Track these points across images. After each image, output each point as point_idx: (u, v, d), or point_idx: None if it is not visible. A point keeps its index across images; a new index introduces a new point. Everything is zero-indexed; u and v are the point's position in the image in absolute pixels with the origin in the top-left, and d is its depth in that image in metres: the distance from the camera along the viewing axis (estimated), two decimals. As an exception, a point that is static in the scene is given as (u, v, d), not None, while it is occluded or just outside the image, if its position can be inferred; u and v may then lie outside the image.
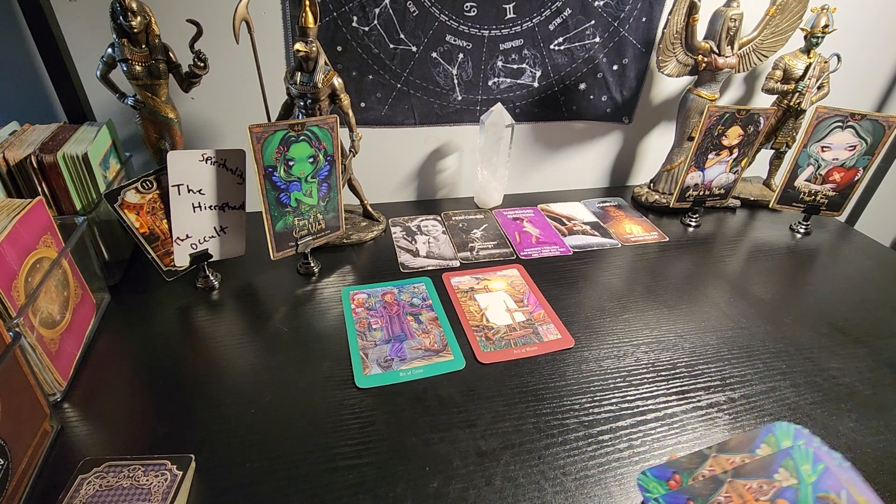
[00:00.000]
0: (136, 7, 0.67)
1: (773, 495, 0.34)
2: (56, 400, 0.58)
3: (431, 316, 0.74)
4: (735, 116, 0.93)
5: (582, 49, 1.00)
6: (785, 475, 0.34)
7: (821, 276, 0.91)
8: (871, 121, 0.89)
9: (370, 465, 0.53)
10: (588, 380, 0.65)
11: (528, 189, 1.16)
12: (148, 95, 0.74)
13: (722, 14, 0.91)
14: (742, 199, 1.11)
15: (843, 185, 0.96)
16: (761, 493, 0.34)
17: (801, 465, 0.35)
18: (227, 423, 0.57)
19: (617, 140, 1.16)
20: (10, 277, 0.52)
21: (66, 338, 0.61)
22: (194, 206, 0.72)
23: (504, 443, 0.56)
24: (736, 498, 0.35)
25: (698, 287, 0.84)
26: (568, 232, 0.99)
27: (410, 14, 0.88)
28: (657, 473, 0.39)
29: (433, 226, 0.98)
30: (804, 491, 0.33)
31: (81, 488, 0.47)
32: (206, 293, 0.77)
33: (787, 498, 0.33)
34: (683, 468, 0.38)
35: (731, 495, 0.36)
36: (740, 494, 0.35)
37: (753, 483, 0.35)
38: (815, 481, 0.34)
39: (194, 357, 0.66)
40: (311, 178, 0.74)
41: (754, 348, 0.72)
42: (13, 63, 0.78)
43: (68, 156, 0.67)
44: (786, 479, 0.34)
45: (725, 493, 0.36)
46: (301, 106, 0.79)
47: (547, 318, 0.75)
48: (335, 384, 0.62)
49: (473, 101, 1.01)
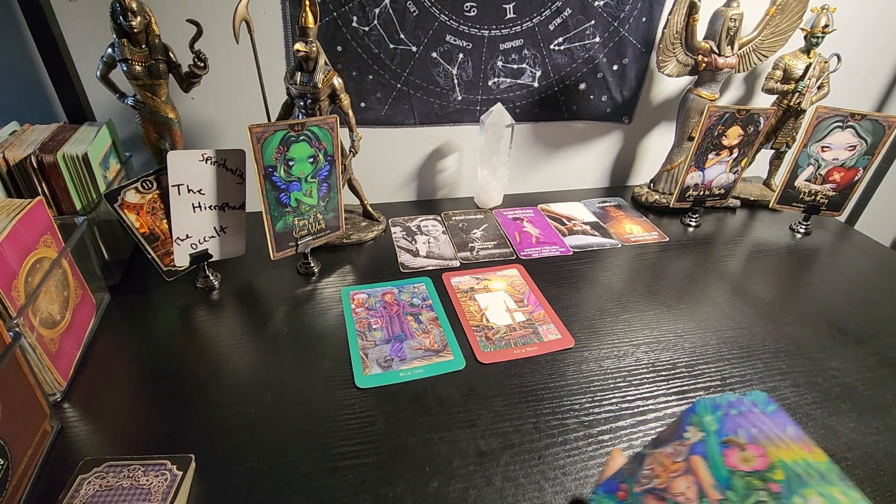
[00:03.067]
0: (136, 7, 0.67)
1: (685, 454, 0.35)
2: (56, 400, 0.58)
3: (431, 316, 0.74)
4: (735, 116, 0.93)
5: (582, 49, 1.00)
6: (693, 431, 0.36)
7: (821, 276, 0.91)
8: (871, 121, 0.89)
9: (370, 465, 0.53)
10: (588, 380, 0.65)
11: (528, 189, 1.16)
12: (148, 95, 0.74)
13: (722, 14, 0.91)
14: (742, 199, 1.11)
15: (843, 185, 0.96)
16: (677, 455, 0.36)
17: (703, 416, 0.36)
18: (227, 423, 0.57)
19: (617, 140, 1.16)
20: (10, 277, 0.52)
21: (66, 338, 0.61)
22: (194, 206, 0.72)
23: (504, 443, 0.56)
24: (657, 467, 0.36)
25: (698, 287, 0.84)
26: (568, 232, 0.99)
27: (410, 14, 0.88)
28: (606, 489, 0.40)
29: (433, 226, 0.98)
30: (711, 440, 0.35)
31: (81, 488, 0.47)
32: (206, 293, 0.77)
33: (699, 452, 0.35)
34: (627, 475, 0.39)
35: (653, 466, 0.37)
36: (660, 462, 0.36)
37: (669, 448, 0.36)
38: (717, 429, 0.35)
39: (194, 357, 0.66)
40: (311, 178, 0.74)
41: (754, 348, 0.72)
42: (13, 63, 0.78)
43: (68, 156, 0.67)
44: (694, 434, 0.35)
45: (648, 465, 0.37)
46: (301, 106, 0.79)
47: (547, 318, 0.75)
48: (335, 384, 0.62)
49: (473, 101, 1.01)
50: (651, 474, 0.36)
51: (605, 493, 0.39)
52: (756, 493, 0.31)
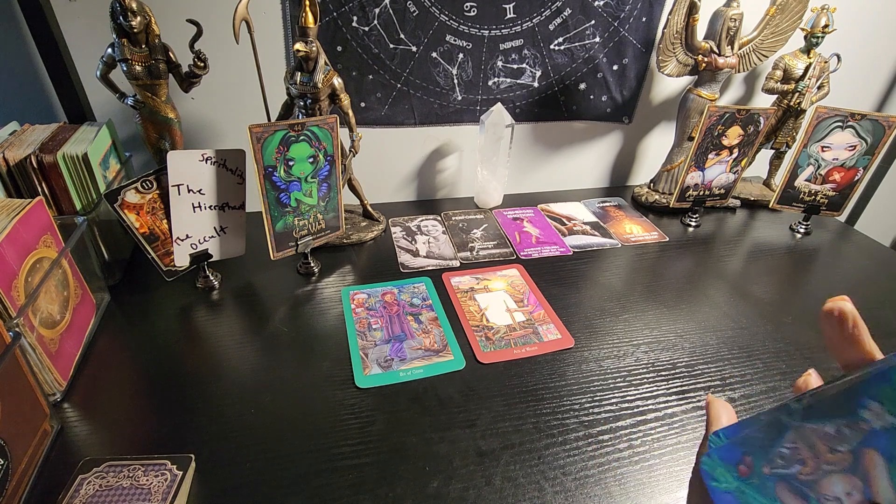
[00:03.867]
0: (136, 7, 0.67)
1: (855, 443, 0.22)
2: (56, 400, 0.58)
3: (431, 316, 0.74)
4: (735, 116, 0.93)
5: (582, 49, 1.00)
6: (878, 412, 0.22)
7: (821, 276, 0.91)
8: (871, 121, 0.89)
9: (370, 465, 0.53)
10: (588, 380, 0.65)
11: (528, 189, 1.16)
12: (148, 95, 0.74)
13: (722, 14, 0.91)
14: (742, 199, 1.11)
15: (843, 185, 0.96)
16: (840, 441, 0.23)
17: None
18: (227, 423, 0.57)
19: (617, 140, 1.16)
20: (10, 277, 0.52)
21: (66, 338, 0.61)
22: (194, 206, 0.72)
23: (504, 443, 0.56)
24: (804, 449, 0.24)
25: (698, 287, 0.84)
26: (568, 232, 0.99)
27: (410, 14, 0.88)
28: (724, 456, 0.28)
29: (433, 226, 0.98)
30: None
31: (81, 488, 0.47)
32: (206, 293, 0.77)
33: (878, 446, 0.21)
34: (756, 445, 0.27)
35: (798, 445, 0.24)
36: (811, 443, 0.24)
37: (829, 427, 0.23)
38: None
39: (194, 357, 0.66)
40: (311, 178, 0.74)
41: (754, 348, 0.72)
42: (13, 63, 0.78)
43: (68, 156, 0.67)
44: (878, 417, 0.22)
45: (791, 441, 0.25)
46: (301, 106, 0.79)
47: (547, 318, 0.75)
48: (335, 384, 0.62)
49: (473, 101, 1.01)
50: (793, 456, 0.24)
51: (722, 460, 0.28)
52: None
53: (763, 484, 0.26)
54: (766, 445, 0.26)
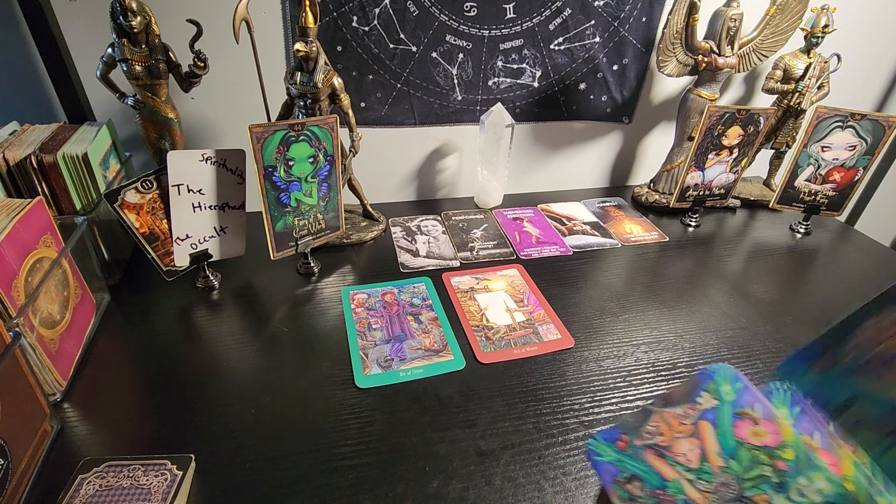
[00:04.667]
0: (136, 7, 0.67)
1: (694, 418, 0.36)
2: (56, 400, 0.58)
3: (431, 316, 0.74)
4: (735, 116, 0.93)
5: (582, 49, 1.00)
6: (707, 398, 0.37)
7: (821, 276, 0.91)
8: (871, 121, 0.89)
9: (370, 465, 0.53)
10: (588, 380, 0.65)
11: (528, 189, 1.16)
12: (148, 95, 0.74)
13: (722, 14, 0.91)
14: (742, 199, 1.11)
15: (843, 185, 0.96)
16: (685, 418, 0.36)
17: (721, 385, 0.37)
18: (227, 423, 0.57)
19: (617, 140, 1.16)
20: (10, 277, 0.52)
21: (66, 338, 0.61)
22: (194, 206, 0.72)
23: (504, 443, 0.56)
24: (663, 425, 0.37)
25: (698, 287, 0.84)
26: (568, 232, 0.99)
27: (410, 14, 0.88)
28: (606, 437, 0.41)
29: (433, 226, 0.98)
30: (724, 409, 0.35)
31: (81, 488, 0.47)
32: (206, 293, 0.77)
33: (708, 419, 0.35)
34: (630, 427, 0.40)
35: (658, 423, 0.38)
36: (667, 421, 0.37)
37: (678, 409, 0.38)
38: (733, 399, 0.35)
39: (194, 357, 0.66)
40: (311, 178, 0.74)
41: (754, 348, 0.72)
42: (13, 63, 0.78)
43: (68, 156, 0.67)
44: (707, 401, 0.36)
45: (654, 422, 0.38)
46: (301, 106, 0.79)
47: (547, 318, 0.75)
48: (335, 384, 0.62)
49: (473, 101, 1.01)
50: (655, 431, 0.37)
51: (604, 440, 0.40)
52: (760, 468, 0.31)
53: (636, 452, 0.37)
54: (637, 426, 0.39)
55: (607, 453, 0.40)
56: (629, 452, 0.38)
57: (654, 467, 0.36)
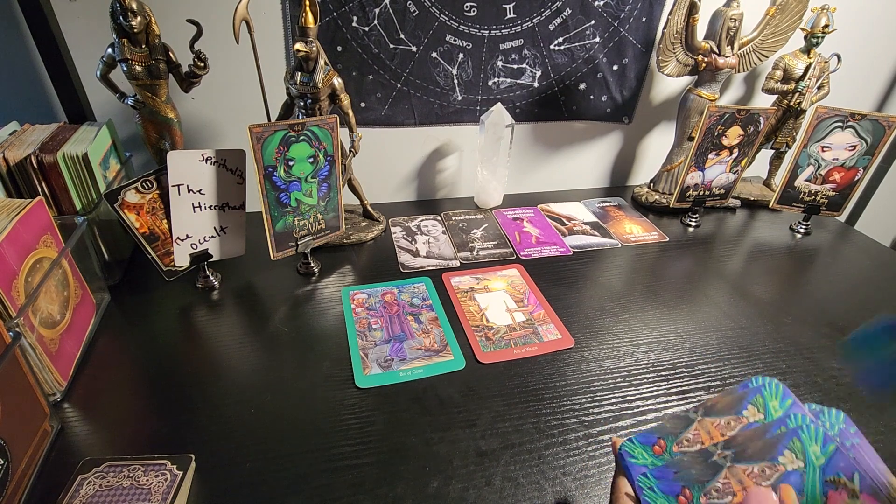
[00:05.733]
0: (136, 7, 0.67)
1: (776, 479, 0.32)
2: (56, 400, 0.58)
3: (431, 316, 0.74)
4: (735, 116, 0.93)
5: (582, 49, 1.00)
6: (790, 458, 0.32)
7: (821, 276, 0.91)
8: (871, 121, 0.89)
9: (370, 465, 0.53)
10: (588, 380, 0.65)
11: (528, 189, 1.16)
12: (148, 95, 0.74)
13: (722, 14, 0.91)
14: (742, 199, 1.11)
15: (843, 185, 0.96)
16: (763, 478, 0.32)
17: (808, 446, 0.32)
18: (227, 423, 0.57)
19: (617, 140, 1.16)
20: (10, 277, 0.52)
21: (66, 338, 0.61)
22: (194, 206, 0.72)
23: (504, 443, 0.56)
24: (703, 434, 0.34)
25: (698, 287, 0.84)
26: (568, 232, 0.99)
27: (410, 14, 0.88)
28: (642, 440, 0.38)
29: (433, 226, 0.98)
30: (811, 475, 0.31)
31: (81, 488, 0.47)
32: (206, 293, 0.77)
33: (793, 483, 0.31)
34: (667, 433, 0.38)
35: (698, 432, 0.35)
36: (707, 431, 0.34)
37: (755, 468, 0.33)
38: (823, 464, 0.31)
39: (194, 357, 0.66)
40: (311, 178, 0.74)
41: (754, 348, 0.72)
42: (13, 63, 0.78)
43: (68, 156, 0.67)
44: (791, 461, 0.32)
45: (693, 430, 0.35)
46: (301, 106, 0.79)
47: (547, 318, 0.75)
48: (335, 384, 0.62)
49: (473, 101, 1.01)
50: (725, 489, 0.34)
51: (640, 443, 0.38)
52: None
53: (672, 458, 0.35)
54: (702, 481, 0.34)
55: (642, 457, 0.38)
56: (665, 458, 0.36)
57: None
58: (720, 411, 0.35)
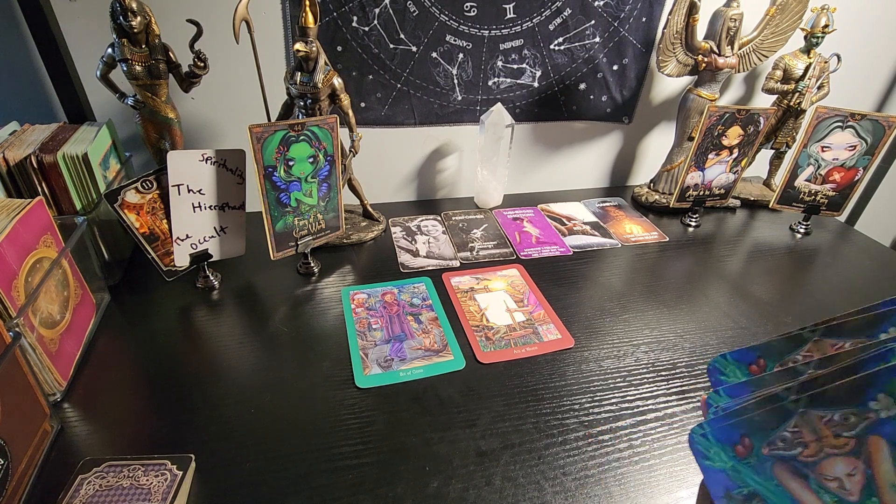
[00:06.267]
0: (136, 7, 0.67)
1: (861, 429, 0.23)
2: (56, 400, 0.58)
3: (431, 316, 0.74)
4: (735, 116, 0.93)
5: (582, 49, 1.00)
6: (885, 401, 0.23)
7: (821, 276, 0.91)
8: (871, 121, 0.89)
9: (370, 465, 0.53)
10: (588, 380, 0.65)
11: (528, 189, 1.16)
12: (148, 95, 0.74)
13: (722, 14, 0.91)
14: (742, 199, 1.11)
15: (843, 185, 0.96)
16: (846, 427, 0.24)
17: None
18: (227, 423, 0.57)
19: (617, 140, 1.16)
20: (10, 277, 0.52)
21: (66, 338, 0.61)
22: (194, 206, 0.72)
23: (504, 443, 0.56)
24: (808, 433, 0.25)
25: (698, 287, 0.84)
26: (568, 232, 0.99)
27: (410, 14, 0.88)
28: (737, 357, 0.30)
29: (433, 226, 0.98)
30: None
31: (81, 488, 0.47)
32: (206, 293, 0.77)
33: (885, 433, 0.23)
34: (775, 352, 0.30)
35: (802, 429, 0.25)
36: (814, 428, 0.25)
37: (836, 415, 0.24)
38: None
39: (194, 357, 0.66)
40: (311, 178, 0.74)
41: (754, 348, 0.72)
42: (13, 63, 0.78)
43: (68, 156, 0.67)
44: (887, 406, 0.23)
45: (795, 426, 0.26)
46: (301, 106, 0.79)
47: (547, 318, 0.75)
48: (335, 384, 0.62)
49: (473, 101, 1.01)
50: (795, 439, 0.25)
51: (718, 441, 0.29)
52: None
53: (761, 464, 0.26)
54: (766, 428, 0.27)
55: (720, 458, 0.29)
56: (751, 462, 0.27)
57: (788, 490, 0.25)
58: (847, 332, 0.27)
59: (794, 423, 0.26)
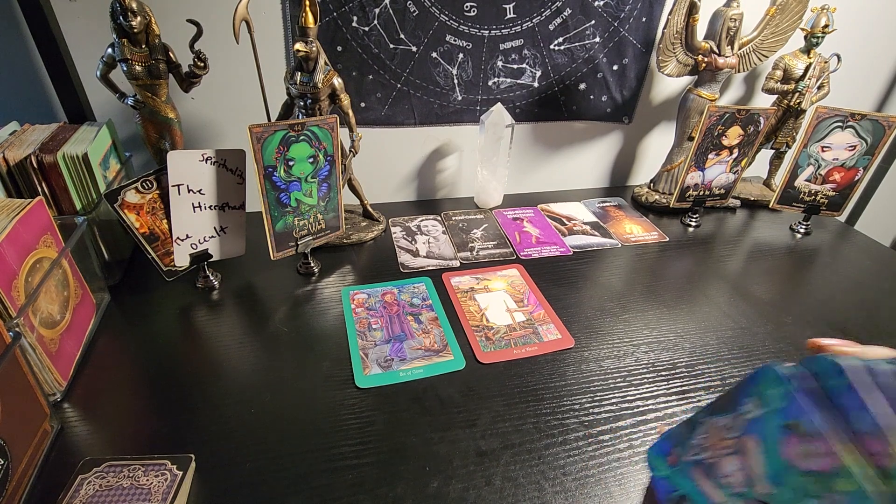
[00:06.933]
0: (136, 7, 0.67)
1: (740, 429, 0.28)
2: (56, 400, 0.58)
3: (431, 316, 0.74)
4: (735, 116, 0.93)
5: (582, 49, 1.00)
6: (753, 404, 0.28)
7: (821, 276, 0.91)
8: (871, 121, 0.89)
9: (370, 465, 0.53)
10: (588, 380, 0.65)
11: (528, 189, 1.16)
12: (148, 95, 0.74)
13: (722, 14, 0.91)
14: (742, 199, 1.11)
15: (843, 185, 0.96)
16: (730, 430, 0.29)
17: (766, 389, 0.28)
18: (227, 423, 0.57)
19: (617, 140, 1.16)
20: (10, 277, 0.52)
21: (66, 338, 0.61)
22: (194, 206, 0.72)
23: (504, 443, 0.56)
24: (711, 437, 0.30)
25: (698, 287, 0.84)
26: (568, 232, 0.99)
27: (410, 14, 0.88)
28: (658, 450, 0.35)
29: (433, 226, 0.98)
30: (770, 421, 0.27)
31: (81, 488, 0.47)
32: (206, 293, 0.77)
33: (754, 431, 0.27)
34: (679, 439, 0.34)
35: (707, 435, 0.31)
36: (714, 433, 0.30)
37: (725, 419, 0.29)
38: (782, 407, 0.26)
39: (194, 357, 0.66)
40: (311, 178, 0.74)
41: (754, 348, 0.72)
42: (13, 63, 0.78)
43: (68, 156, 0.67)
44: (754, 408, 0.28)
45: (702, 433, 0.31)
46: (301, 106, 0.79)
47: (547, 318, 0.75)
48: (335, 384, 0.62)
49: (473, 101, 1.01)
50: (702, 444, 0.30)
51: (656, 454, 0.34)
52: (807, 501, 0.24)
53: (685, 469, 0.31)
54: (685, 438, 0.32)
55: (661, 468, 0.34)
56: (679, 468, 0.32)
57: (701, 488, 0.30)
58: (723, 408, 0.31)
59: (701, 431, 0.31)
